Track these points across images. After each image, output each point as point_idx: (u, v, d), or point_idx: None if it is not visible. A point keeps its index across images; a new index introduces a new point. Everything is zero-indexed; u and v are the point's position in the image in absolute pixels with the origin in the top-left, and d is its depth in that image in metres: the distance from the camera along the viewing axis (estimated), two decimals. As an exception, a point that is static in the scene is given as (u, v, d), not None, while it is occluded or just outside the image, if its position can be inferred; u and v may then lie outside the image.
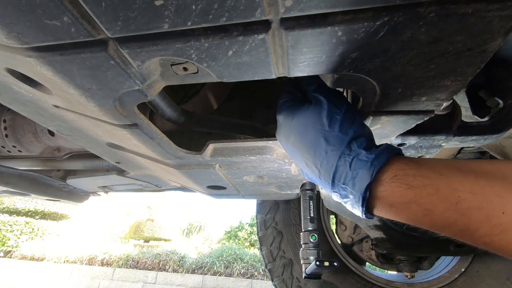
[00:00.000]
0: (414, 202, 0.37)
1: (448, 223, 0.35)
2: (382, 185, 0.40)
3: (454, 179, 0.35)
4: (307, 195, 0.96)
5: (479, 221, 0.32)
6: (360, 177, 0.41)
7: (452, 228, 0.35)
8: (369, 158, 0.41)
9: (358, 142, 0.44)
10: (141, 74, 0.42)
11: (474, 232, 0.33)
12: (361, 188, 0.41)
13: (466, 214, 0.33)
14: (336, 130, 0.45)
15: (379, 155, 0.41)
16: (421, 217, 0.37)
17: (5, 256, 6.49)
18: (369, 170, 0.40)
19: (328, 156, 0.45)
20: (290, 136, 0.51)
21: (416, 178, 0.37)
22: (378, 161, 0.40)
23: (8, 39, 0.35)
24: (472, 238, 0.34)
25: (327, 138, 0.45)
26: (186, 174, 0.87)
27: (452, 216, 0.34)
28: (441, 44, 0.34)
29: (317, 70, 0.40)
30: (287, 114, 0.52)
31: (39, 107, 0.60)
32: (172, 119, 0.61)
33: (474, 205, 0.33)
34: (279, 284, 1.63)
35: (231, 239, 9.91)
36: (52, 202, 1.90)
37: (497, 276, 1.39)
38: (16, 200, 7.85)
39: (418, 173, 0.38)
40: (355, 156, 0.42)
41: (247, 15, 0.31)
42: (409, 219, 0.39)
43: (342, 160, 0.43)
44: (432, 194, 0.35)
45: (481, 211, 0.32)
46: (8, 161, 1.25)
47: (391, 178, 0.39)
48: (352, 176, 0.42)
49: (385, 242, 1.42)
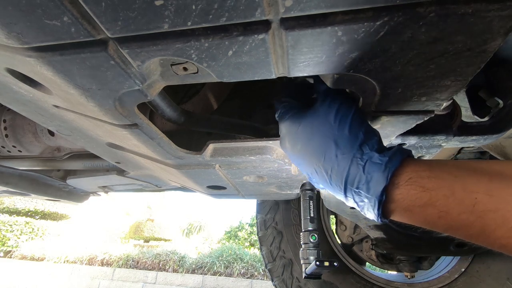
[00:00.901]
0: (429, 205, 0.36)
1: (464, 225, 0.34)
2: (397, 188, 0.39)
3: (469, 180, 0.35)
4: (307, 195, 0.96)
5: (496, 224, 0.32)
6: (375, 181, 0.40)
7: (468, 231, 0.34)
8: (383, 160, 0.40)
9: (370, 145, 0.43)
10: (141, 74, 0.42)
11: (490, 234, 0.33)
12: (376, 192, 0.39)
13: (483, 216, 0.32)
14: (346, 132, 0.44)
15: (392, 157, 0.40)
16: (436, 220, 0.36)
17: (5, 256, 6.49)
18: (383, 173, 0.39)
19: (339, 160, 0.44)
20: (297, 144, 0.50)
21: (431, 180, 0.37)
22: (392, 164, 0.39)
23: (8, 39, 0.35)
24: (488, 240, 0.33)
25: (337, 142, 0.44)
26: (186, 174, 0.87)
27: (469, 218, 0.33)
28: (441, 44, 0.34)
29: (317, 70, 0.40)
30: (291, 122, 0.51)
31: (39, 107, 0.60)
32: (172, 119, 0.61)
33: (490, 207, 0.32)
34: (279, 284, 1.63)
35: (231, 239, 9.91)
36: (52, 202, 1.90)
37: (497, 276, 1.39)
38: (16, 200, 7.84)
39: (432, 175, 0.37)
40: (368, 159, 0.41)
41: (247, 15, 0.31)
42: (424, 222, 0.38)
43: (354, 163, 0.42)
44: (448, 196, 0.35)
45: (497, 213, 0.32)
46: (8, 161, 1.25)
47: (406, 181, 0.38)
48: (366, 180, 0.41)
49: (385, 242, 1.42)
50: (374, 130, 0.46)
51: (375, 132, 0.46)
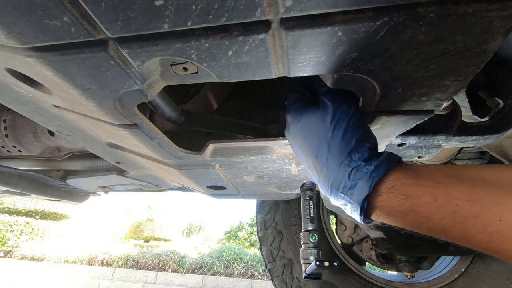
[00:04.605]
0: (411, 211, 0.38)
1: (445, 230, 0.36)
2: (380, 196, 0.41)
3: (451, 187, 0.36)
4: (307, 195, 0.96)
5: (476, 229, 0.33)
6: (359, 188, 0.42)
7: (449, 235, 0.36)
8: (369, 170, 0.42)
9: (360, 153, 0.44)
10: (141, 74, 0.42)
11: (471, 238, 0.34)
12: (359, 199, 0.42)
13: (463, 222, 0.34)
14: (339, 138, 0.45)
15: (378, 167, 0.42)
16: (418, 224, 0.38)
17: (5, 256, 6.49)
18: (367, 181, 0.41)
19: (328, 163, 0.46)
20: (296, 138, 0.52)
21: (414, 188, 0.38)
22: (377, 173, 0.41)
23: (8, 39, 0.35)
24: (470, 244, 0.35)
25: (329, 146, 0.46)
26: (186, 174, 0.87)
27: (449, 223, 0.35)
28: (441, 44, 0.34)
29: (317, 70, 0.40)
30: (294, 115, 0.53)
31: (39, 107, 0.60)
32: (172, 119, 0.61)
33: (471, 213, 0.34)
34: (279, 284, 1.63)
35: (231, 239, 9.91)
36: (52, 202, 1.90)
37: (497, 276, 1.39)
38: (16, 200, 7.84)
39: (416, 183, 0.39)
40: (355, 167, 0.43)
41: (247, 15, 0.31)
42: (407, 226, 0.40)
43: (341, 169, 0.44)
44: (430, 203, 0.36)
45: (478, 218, 0.33)
46: (8, 161, 1.25)
47: (389, 189, 0.40)
48: (350, 186, 0.43)
49: (385, 242, 1.42)
50: (369, 136, 0.47)
51: (370, 137, 0.47)
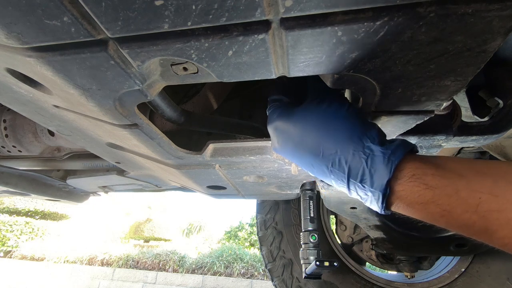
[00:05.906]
0: (432, 203, 0.36)
1: (466, 224, 0.34)
2: (400, 184, 0.39)
3: (473, 180, 0.35)
4: (307, 195, 0.96)
5: (499, 224, 0.32)
6: (379, 174, 0.39)
7: (470, 229, 0.35)
8: (386, 153, 0.40)
9: (370, 137, 0.42)
10: (141, 74, 0.42)
11: (493, 233, 0.33)
12: (380, 185, 0.39)
13: (486, 216, 0.33)
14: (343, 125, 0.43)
15: (395, 150, 0.40)
16: (438, 217, 0.37)
17: (5, 256, 6.49)
18: (386, 166, 0.39)
19: (339, 155, 0.43)
20: (287, 143, 0.49)
21: (435, 178, 0.37)
22: (395, 157, 0.39)
23: (8, 39, 0.35)
24: (490, 239, 0.34)
25: (335, 135, 0.43)
26: (186, 174, 0.87)
27: (471, 217, 0.34)
28: (441, 44, 0.34)
29: (317, 70, 0.40)
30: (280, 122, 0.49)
31: (39, 107, 0.60)
32: (172, 119, 0.61)
33: (494, 207, 0.32)
34: (279, 284, 1.63)
35: (231, 239, 9.91)
36: (52, 202, 1.89)
37: (497, 276, 1.39)
38: (16, 200, 7.84)
39: (437, 173, 0.37)
40: (370, 153, 0.41)
41: (247, 15, 0.31)
42: (426, 218, 0.39)
43: (356, 157, 0.41)
44: (451, 195, 0.35)
45: (501, 213, 0.32)
46: (8, 161, 1.25)
47: (409, 178, 0.38)
48: (370, 173, 0.40)
49: (385, 242, 1.42)
50: (372, 122, 0.46)
51: (373, 123, 0.46)
